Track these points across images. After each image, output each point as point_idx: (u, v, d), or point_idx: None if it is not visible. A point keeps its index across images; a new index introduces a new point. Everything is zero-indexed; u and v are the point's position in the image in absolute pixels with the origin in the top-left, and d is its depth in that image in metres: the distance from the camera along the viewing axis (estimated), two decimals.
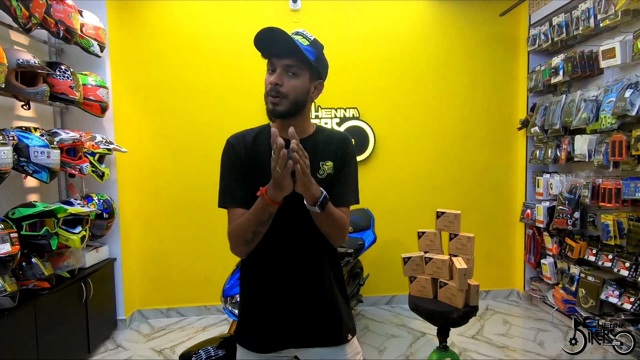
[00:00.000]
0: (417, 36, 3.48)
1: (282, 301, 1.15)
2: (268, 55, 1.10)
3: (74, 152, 2.47)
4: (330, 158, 1.17)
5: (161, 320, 3.32)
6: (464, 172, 3.57)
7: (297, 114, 1.13)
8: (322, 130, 1.23)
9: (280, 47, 1.06)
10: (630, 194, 2.33)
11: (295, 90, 1.09)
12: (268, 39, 1.06)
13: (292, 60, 1.07)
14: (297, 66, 1.07)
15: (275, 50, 1.07)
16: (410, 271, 2.12)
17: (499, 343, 2.82)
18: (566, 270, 3.02)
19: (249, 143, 1.16)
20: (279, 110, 1.09)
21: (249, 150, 1.15)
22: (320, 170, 1.15)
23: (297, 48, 1.05)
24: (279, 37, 1.05)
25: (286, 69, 1.07)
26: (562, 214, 2.86)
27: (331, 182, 1.16)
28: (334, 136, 1.21)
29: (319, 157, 1.16)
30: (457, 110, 3.54)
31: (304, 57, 1.07)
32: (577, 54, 2.83)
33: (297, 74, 1.08)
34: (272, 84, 1.07)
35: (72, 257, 2.45)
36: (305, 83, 1.11)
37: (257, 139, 1.17)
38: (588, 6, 2.68)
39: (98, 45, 2.75)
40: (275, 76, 1.07)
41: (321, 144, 1.17)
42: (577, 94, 2.82)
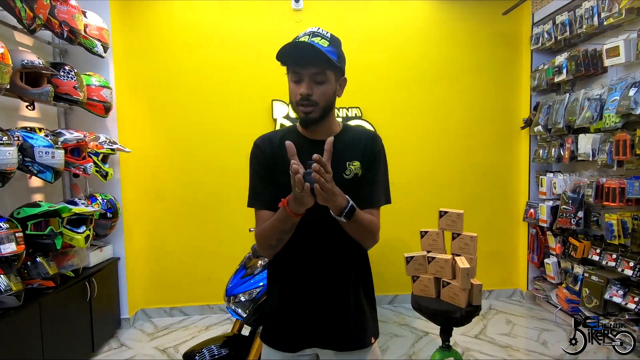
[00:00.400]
0: (419, 35, 3.47)
1: (308, 303, 1.15)
2: (292, 64, 1.09)
3: (78, 152, 2.49)
4: (357, 158, 1.15)
5: (164, 320, 3.34)
6: (467, 171, 3.57)
7: (327, 117, 1.13)
8: (349, 129, 1.21)
9: (305, 57, 1.05)
10: (634, 193, 2.32)
11: (325, 96, 1.09)
12: (291, 52, 1.06)
13: (317, 68, 1.06)
14: (323, 72, 1.07)
15: (301, 61, 1.06)
16: (413, 270, 2.12)
17: (502, 343, 2.81)
18: (570, 270, 3.01)
19: (275, 145, 1.16)
20: (312, 117, 1.09)
21: (275, 153, 1.15)
22: (347, 171, 1.13)
23: (321, 55, 1.04)
24: (302, 48, 1.05)
25: (313, 77, 1.07)
26: (565, 214, 2.85)
27: (359, 183, 1.14)
28: (361, 135, 1.20)
29: (345, 157, 1.14)
30: (460, 109, 3.54)
31: (329, 61, 1.06)
32: (581, 53, 2.82)
33: (324, 80, 1.08)
34: (302, 95, 1.07)
35: (76, 256, 2.47)
36: (333, 85, 1.11)
37: (281, 144, 1.11)
38: (592, 4, 2.66)
39: (102, 46, 2.77)
40: (305, 87, 1.06)
41: (347, 143, 1.16)
42: (581, 92, 2.81)
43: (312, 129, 1.14)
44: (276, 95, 3.33)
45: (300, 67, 1.07)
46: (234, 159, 3.33)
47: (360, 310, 1.18)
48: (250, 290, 1.80)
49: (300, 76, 1.07)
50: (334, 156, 1.09)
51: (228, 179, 3.33)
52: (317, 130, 1.15)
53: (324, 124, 1.14)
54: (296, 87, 1.08)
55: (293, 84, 1.10)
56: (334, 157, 1.08)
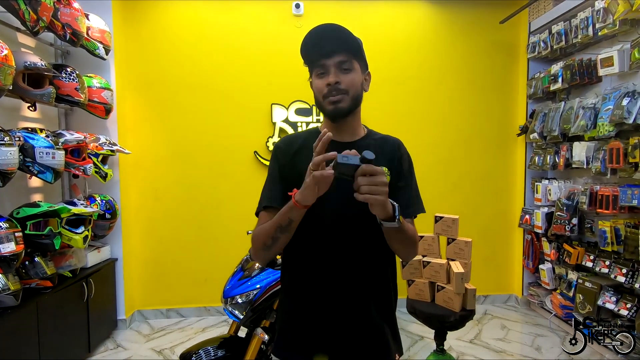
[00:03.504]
0: (417, 42, 3.52)
1: (329, 320, 1.06)
2: (319, 57, 1.04)
3: (78, 153, 2.51)
4: (384, 163, 1.06)
5: (161, 321, 3.34)
6: (463, 177, 3.60)
7: (355, 111, 1.08)
8: (374, 133, 1.16)
9: (332, 42, 1.02)
10: (627, 201, 2.36)
11: (354, 84, 1.04)
12: (318, 37, 1.04)
13: (344, 56, 1.02)
14: (349, 60, 1.03)
15: (327, 48, 1.02)
16: (408, 274, 2.14)
17: (497, 347, 2.83)
18: (564, 276, 3.04)
19: (295, 149, 1.11)
20: (342, 107, 1.03)
21: (294, 157, 1.10)
22: None
23: (348, 37, 1.02)
24: (330, 30, 1.02)
25: (339, 66, 1.02)
26: (560, 220, 2.89)
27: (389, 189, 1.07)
28: (387, 140, 1.15)
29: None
30: (456, 116, 3.58)
31: (356, 49, 1.04)
32: (576, 62, 2.87)
33: (350, 68, 1.04)
34: (331, 84, 1.01)
35: (74, 256, 2.48)
36: (359, 75, 1.06)
37: (306, 143, 1.10)
38: (587, 15, 2.71)
39: (103, 48, 2.80)
40: (333, 75, 1.02)
41: (373, 147, 1.05)
42: (576, 101, 2.85)
43: (342, 125, 1.08)
44: (275, 100, 3.36)
45: (326, 58, 1.03)
46: (232, 162, 3.36)
47: (382, 327, 1.10)
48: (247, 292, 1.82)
49: (326, 67, 1.03)
50: None
51: (227, 181, 3.35)
52: (342, 131, 1.09)
53: (351, 124, 1.09)
54: (322, 80, 1.03)
55: (318, 80, 1.05)
56: None
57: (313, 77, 1.07)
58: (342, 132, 1.09)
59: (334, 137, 1.04)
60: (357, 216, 1.02)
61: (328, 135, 0.88)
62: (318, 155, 0.88)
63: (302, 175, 0.98)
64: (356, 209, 0.97)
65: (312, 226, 1.04)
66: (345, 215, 1.04)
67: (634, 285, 2.37)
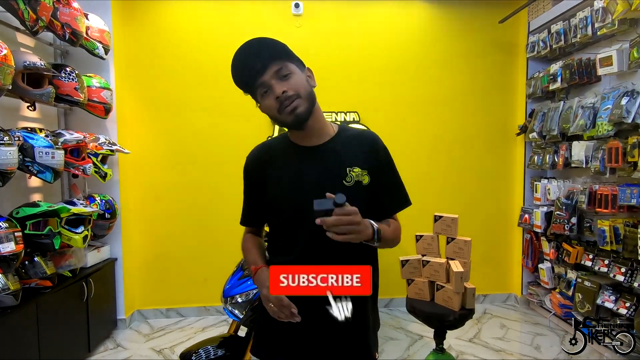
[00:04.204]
0: (417, 42, 3.52)
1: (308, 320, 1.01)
2: (253, 78, 1.02)
3: (77, 152, 2.51)
4: (359, 163, 1.06)
5: (161, 321, 3.34)
6: (462, 177, 3.60)
7: (313, 111, 1.05)
8: (346, 130, 1.13)
9: (261, 59, 1.00)
10: (626, 200, 2.36)
11: (300, 85, 1.02)
12: (246, 60, 1.02)
13: (277, 64, 1.00)
14: (284, 66, 1.01)
15: (259, 64, 1.00)
16: (407, 274, 2.15)
17: (496, 347, 2.84)
18: (563, 275, 3.05)
19: (263, 162, 1.12)
20: (301, 112, 1.00)
21: (266, 167, 1.11)
22: (347, 177, 1.05)
23: (273, 48, 1.01)
24: (254, 52, 1.00)
25: (278, 76, 1.00)
26: (559, 219, 2.89)
27: (366, 191, 1.05)
28: (361, 138, 1.12)
29: (345, 162, 1.06)
30: (456, 115, 3.58)
31: (285, 52, 1.03)
32: (575, 62, 2.87)
33: (289, 72, 1.02)
34: (279, 95, 0.99)
35: (74, 256, 2.48)
36: (300, 75, 1.04)
37: (275, 154, 1.11)
38: (586, 15, 2.72)
39: (103, 48, 2.79)
40: (278, 86, 0.99)
41: (346, 146, 1.08)
42: (575, 100, 2.85)
43: (305, 130, 1.05)
44: None
45: (261, 74, 1.00)
46: (232, 161, 3.35)
47: (365, 325, 1.09)
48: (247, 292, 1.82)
49: (266, 84, 1.01)
50: (332, 161, 1.05)
51: (226, 180, 3.35)
52: (309, 135, 1.07)
53: (314, 127, 1.06)
54: (269, 98, 1.01)
55: (265, 100, 1.02)
56: (331, 162, 1.05)
57: (259, 99, 1.04)
58: (308, 136, 1.08)
59: (302, 142, 1.08)
60: None
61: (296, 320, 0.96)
62: (281, 312, 0.97)
63: (274, 185, 1.06)
64: None
65: (291, 228, 1.06)
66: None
67: (632, 284, 2.38)
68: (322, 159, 1.07)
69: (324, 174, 1.05)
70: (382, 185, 1.09)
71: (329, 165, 1.06)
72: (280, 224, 1.11)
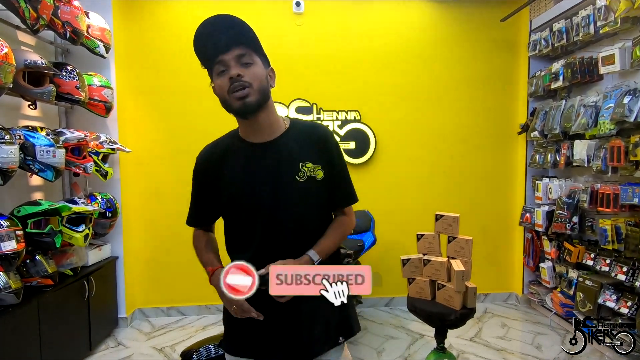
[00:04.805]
0: (418, 40, 3.51)
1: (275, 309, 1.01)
2: (214, 53, 0.99)
3: (78, 151, 2.51)
4: (310, 159, 1.05)
5: (162, 319, 3.35)
6: (464, 176, 3.60)
7: (264, 106, 1.03)
8: (296, 125, 1.12)
9: (227, 37, 0.98)
10: (628, 200, 2.35)
11: (257, 77, 0.99)
12: (211, 30, 0.99)
13: (242, 49, 0.98)
14: (248, 54, 0.99)
15: (223, 42, 0.98)
16: (409, 273, 2.14)
17: (497, 346, 2.83)
18: (564, 274, 3.04)
19: (214, 161, 1.10)
20: (250, 101, 0.98)
21: (218, 167, 1.09)
22: (300, 173, 1.04)
23: (244, 33, 1.00)
24: (222, 27, 0.99)
25: (239, 60, 0.98)
26: (560, 218, 2.88)
27: (322, 185, 1.06)
28: (311, 132, 1.10)
29: (297, 157, 1.05)
30: (457, 114, 3.57)
31: (254, 42, 1.01)
32: (577, 60, 2.86)
33: (251, 61, 0.99)
34: (233, 77, 0.96)
35: (75, 255, 2.49)
36: (262, 69, 1.02)
37: (226, 153, 1.10)
38: (588, 13, 2.70)
39: (103, 47, 2.79)
40: (234, 68, 0.97)
41: (297, 141, 1.07)
42: (577, 99, 2.84)
43: (256, 125, 1.04)
44: (276, 98, 3.30)
45: (223, 53, 0.97)
46: None
47: (325, 311, 1.04)
48: None
49: (224, 63, 0.98)
50: (284, 157, 1.04)
51: None
52: (258, 131, 1.06)
53: (265, 122, 1.05)
54: (224, 77, 0.98)
55: (219, 79, 0.99)
56: (283, 158, 1.04)
57: (214, 77, 1.02)
58: (258, 131, 1.06)
59: (252, 139, 1.07)
60: (292, 214, 1.04)
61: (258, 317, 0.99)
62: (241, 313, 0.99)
63: (225, 189, 1.06)
64: (290, 210, 1.03)
65: (247, 225, 1.07)
66: (279, 216, 1.04)
67: (634, 283, 2.37)
68: (274, 155, 1.05)
69: (277, 170, 1.04)
70: (337, 177, 1.10)
71: (283, 161, 1.05)
72: (236, 222, 1.11)
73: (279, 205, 1.01)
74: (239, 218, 1.09)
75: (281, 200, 1.01)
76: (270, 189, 1.01)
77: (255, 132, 1.06)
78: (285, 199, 1.02)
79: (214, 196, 1.10)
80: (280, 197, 1.02)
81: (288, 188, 1.01)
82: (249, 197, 1.05)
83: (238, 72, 0.97)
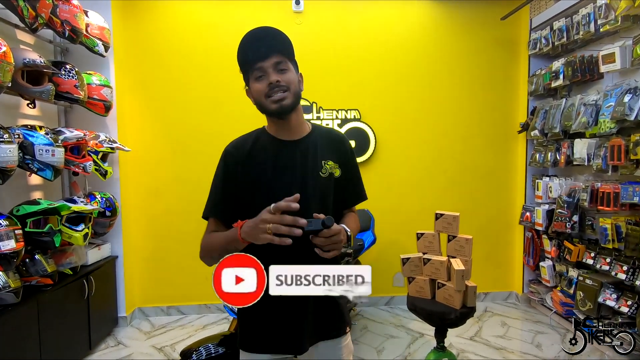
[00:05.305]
0: (418, 39, 3.50)
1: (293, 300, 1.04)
2: (253, 60, 1.08)
3: (77, 150, 2.50)
4: (331, 157, 1.18)
5: (161, 318, 3.35)
6: (464, 174, 3.59)
7: (297, 108, 1.14)
8: (318, 128, 1.24)
9: (267, 47, 1.08)
10: (628, 198, 2.35)
11: (292, 82, 1.10)
12: (254, 40, 1.09)
13: (279, 57, 1.08)
14: (284, 62, 1.09)
15: (263, 50, 1.07)
16: (408, 272, 2.14)
17: (497, 345, 2.83)
18: (564, 273, 3.04)
19: (244, 156, 1.15)
20: (287, 104, 1.09)
21: (246, 162, 1.15)
22: (323, 170, 1.16)
23: (282, 43, 1.09)
24: (264, 38, 1.09)
25: (276, 67, 1.08)
26: (561, 217, 2.88)
27: (337, 182, 1.18)
28: (331, 135, 1.24)
29: (320, 155, 1.17)
30: (457, 112, 3.56)
31: (289, 50, 1.11)
32: (578, 59, 2.85)
33: (287, 68, 1.10)
34: (272, 83, 1.07)
35: (74, 254, 2.48)
36: (295, 75, 1.12)
37: (255, 147, 1.17)
38: (588, 11, 2.70)
39: (103, 45, 2.78)
40: (273, 74, 1.07)
41: (320, 142, 1.19)
42: (577, 98, 2.84)
43: (288, 123, 1.14)
44: None
45: (262, 60, 1.07)
46: None
47: (336, 299, 1.18)
48: None
49: (263, 70, 1.08)
50: (310, 154, 1.16)
51: None
52: (287, 130, 1.16)
53: (295, 122, 1.15)
54: (262, 82, 1.09)
55: (257, 84, 1.09)
56: (310, 155, 1.16)
57: (251, 82, 1.11)
58: (288, 130, 1.16)
59: (280, 136, 1.16)
60: (315, 205, 1.11)
61: (295, 206, 0.96)
62: (285, 217, 0.95)
63: (256, 179, 1.12)
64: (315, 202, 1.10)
65: None
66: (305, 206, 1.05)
67: (634, 282, 2.37)
68: (302, 152, 1.16)
69: (304, 166, 1.14)
70: (349, 179, 1.22)
71: (308, 158, 1.15)
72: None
73: (307, 197, 1.08)
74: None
75: (308, 192, 1.10)
76: (298, 182, 1.11)
77: (285, 131, 1.16)
78: (310, 192, 1.11)
79: (241, 187, 1.14)
80: (307, 190, 1.10)
81: (313, 182, 1.12)
82: (279, 188, 1.11)
83: (277, 78, 1.08)
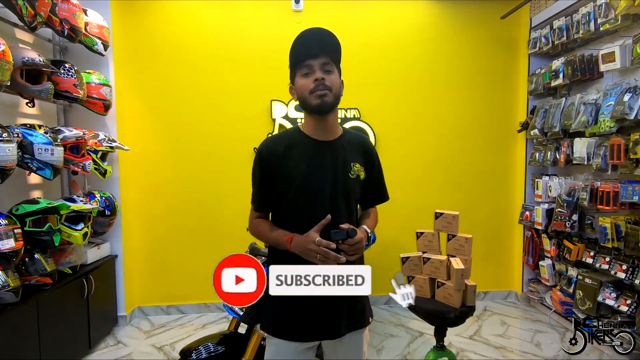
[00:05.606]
0: (418, 38, 3.50)
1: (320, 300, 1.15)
2: (304, 58, 1.15)
3: (77, 149, 2.50)
4: (358, 160, 1.25)
5: (161, 317, 3.35)
6: (463, 174, 3.59)
7: (335, 109, 1.21)
8: (348, 131, 1.31)
9: (318, 46, 1.15)
10: (628, 197, 2.35)
11: (335, 83, 1.16)
12: (308, 41, 1.16)
13: (327, 58, 1.15)
14: (331, 63, 1.16)
15: (314, 49, 1.14)
16: (408, 271, 2.14)
17: (497, 344, 2.84)
18: (564, 272, 3.04)
19: (281, 151, 1.20)
20: (327, 101, 1.14)
21: (281, 159, 1.20)
22: (351, 171, 1.22)
23: (332, 45, 1.17)
24: (317, 38, 1.16)
25: (323, 67, 1.14)
26: (560, 216, 2.88)
27: (362, 183, 1.25)
28: (359, 139, 1.31)
29: (350, 157, 1.23)
30: (457, 112, 3.56)
31: (338, 54, 1.18)
32: (577, 58, 2.85)
33: (332, 70, 1.16)
34: (318, 79, 1.13)
35: (74, 253, 2.48)
36: (338, 78, 1.19)
37: (290, 145, 1.22)
38: (588, 10, 2.70)
39: (102, 44, 2.78)
40: (319, 72, 1.14)
41: (349, 145, 1.25)
42: (577, 97, 2.84)
43: (325, 123, 1.20)
44: (275, 96, 3.35)
45: (312, 58, 1.14)
46: (232, 158, 3.35)
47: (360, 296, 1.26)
48: None
49: (310, 68, 1.14)
50: (341, 156, 1.22)
51: (226, 177, 3.35)
52: (323, 130, 1.21)
53: (331, 122, 1.21)
54: (307, 79, 1.15)
55: (303, 79, 1.16)
56: (340, 156, 1.22)
57: (297, 78, 1.18)
58: (323, 130, 1.22)
59: (314, 136, 1.22)
60: (344, 203, 1.20)
61: (332, 246, 1.08)
62: (330, 254, 1.08)
63: (292, 173, 1.18)
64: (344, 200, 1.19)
65: (307, 214, 1.17)
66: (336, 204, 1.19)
67: (634, 281, 2.37)
68: (334, 152, 1.22)
69: (336, 166, 1.21)
70: (373, 181, 1.31)
71: (340, 159, 1.22)
72: (297, 207, 1.21)
73: (335, 196, 1.18)
74: (302, 203, 1.20)
75: (339, 191, 1.19)
76: (331, 181, 1.18)
77: (321, 131, 1.22)
78: (341, 191, 1.19)
79: (278, 183, 1.20)
80: (337, 189, 1.19)
81: (342, 182, 1.19)
82: (314, 185, 1.19)
83: (322, 76, 1.14)
